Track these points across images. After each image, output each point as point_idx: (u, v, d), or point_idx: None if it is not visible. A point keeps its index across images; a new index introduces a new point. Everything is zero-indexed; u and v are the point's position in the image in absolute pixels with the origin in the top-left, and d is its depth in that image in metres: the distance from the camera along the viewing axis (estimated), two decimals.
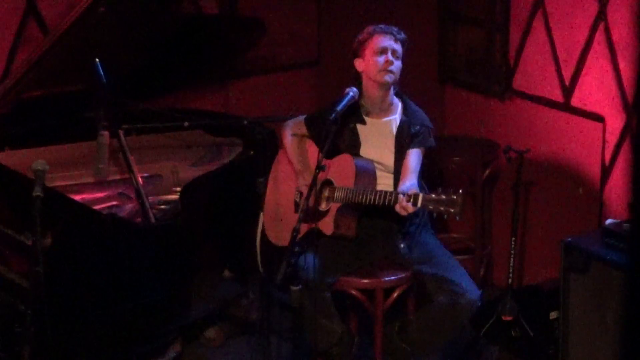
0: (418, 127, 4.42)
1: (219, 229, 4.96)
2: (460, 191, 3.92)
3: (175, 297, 4.45)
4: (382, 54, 4.38)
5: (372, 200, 4.17)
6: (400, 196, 4.03)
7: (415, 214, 4.29)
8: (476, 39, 5.61)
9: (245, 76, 5.80)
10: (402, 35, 4.45)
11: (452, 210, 3.91)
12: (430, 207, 3.96)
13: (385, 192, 4.15)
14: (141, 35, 4.82)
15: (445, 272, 4.29)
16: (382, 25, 4.45)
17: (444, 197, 3.92)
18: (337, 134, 4.28)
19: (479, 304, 4.32)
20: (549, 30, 5.15)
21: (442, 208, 3.93)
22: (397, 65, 4.39)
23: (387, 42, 4.40)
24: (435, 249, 4.44)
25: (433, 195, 3.96)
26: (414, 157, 4.38)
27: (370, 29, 4.45)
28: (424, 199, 3.97)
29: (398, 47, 4.41)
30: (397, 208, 4.06)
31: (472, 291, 4.27)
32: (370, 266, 4.46)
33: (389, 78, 4.37)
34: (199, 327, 4.99)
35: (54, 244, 4.00)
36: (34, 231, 3.58)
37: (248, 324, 5.05)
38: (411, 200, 4.00)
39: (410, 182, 4.26)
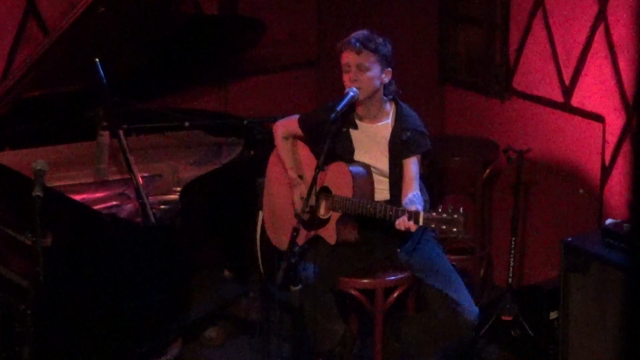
0: (409, 133, 4.33)
1: (219, 229, 4.97)
2: (462, 210, 3.85)
3: (175, 297, 4.45)
4: (346, 72, 4.29)
5: (372, 213, 4.14)
6: (406, 216, 3.99)
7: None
8: (476, 39, 5.61)
9: (245, 76, 5.80)
10: (373, 44, 4.26)
11: (455, 230, 3.84)
12: (432, 225, 3.90)
13: (386, 207, 4.11)
14: (141, 36, 4.82)
15: (446, 288, 4.27)
16: (350, 37, 4.30)
17: (445, 215, 3.85)
18: (334, 135, 4.27)
19: (476, 323, 4.32)
20: (549, 30, 5.15)
21: (444, 227, 3.87)
22: (363, 79, 4.25)
23: (349, 58, 4.27)
24: (436, 259, 4.40)
25: (434, 214, 3.89)
26: (412, 167, 4.32)
27: (339, 44, 4.34)
28: (425, 218, 3.92)
29: (364, 59, 4.25)
30: (397, 225, 4.02)
31: (471, 311, 4.26)
32: (370, 266, 4.46)
33: (356, 95, 4.28)
34: (199, 327, 4.99)
35: (54, 244, 4.00)
36: (34, 231, 3.58)
37: (248, 324, 5.05)
38: (412, 218, 3.96)
39: (412, 192, 4.21)
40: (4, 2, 5.07)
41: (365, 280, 4.41)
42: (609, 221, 4.52)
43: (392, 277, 4.42)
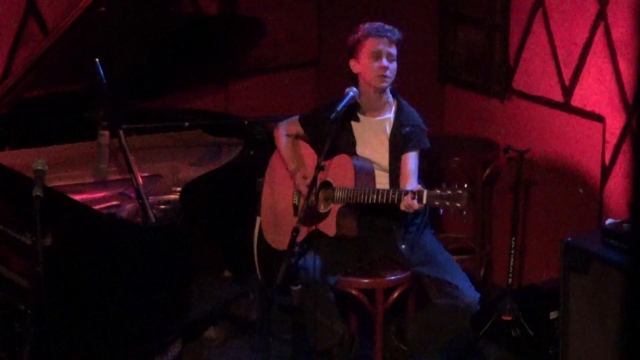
0: (408, 128, 4.36)
1: (219, 229, 4.96)
2: (465, 185, 3.92)
3: (175, 297, 4.45)
4: (377, 59, 4.33)
5: (374, 199, 4.15)
6: (410, 196, 4.01)
7: (416, 214, 4.29)
8: (476, 39, 5.61)
9: (245, 76, 5.80)
10: (397, 35, 4.38)
11: (458, 205, 3.90)
12: (436, 202, 3.95)
13: (388, 191, 4.13)
14: (141, 35, 4.82)
15: (444, 274, 4.28)
16: (377, 25, 4.38)
17: (449, 192, 3.91)
18: (336, 133, 4.28)
19: (478, 307, 4.31)
20: (549, 30, 5.15)
21: (447, 203, 3.92)
22: (392, 68, 4.34)
23: (382, 46, 4.34)
24: (435, 250, 4.43)
25: (438, 191, 3.94)
26: (411, 160, 4.36)
27: (364, 29, 4.37)
28: (429, 195, 3.96)
29: (393, 49, 4.35)
30: (403, 207, 4.05)
31: (470, 295, 4.26)
32: (371, 266, 4.46)
33: (385, 84, 4.34)
34: (199, 327, 4.99)
35: (54, 244, 4.00)
36: (34, 231, 3.58)
37: (248, 324, 5.05)
38: (416, 197, 3.98)
39: (411, 185, 4.25)
40: (4, 2, 5.07)
41: (365, 280, 4.42)
42: (609, 221, 4.52)
43: (392, 277, 4.43)
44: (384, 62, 4.31)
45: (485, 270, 5.55)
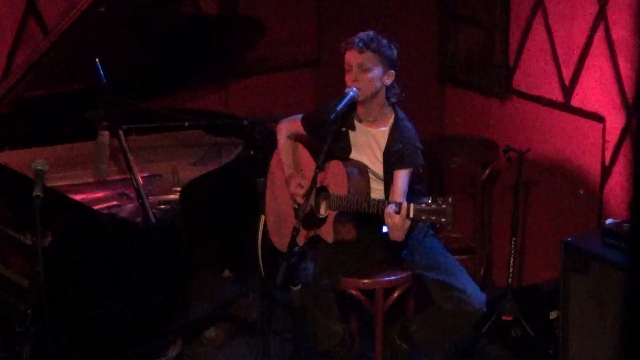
0: (401, 145, 4.29)
1: (219, 229, 4.97)
2: (450, 200, 3.88)
3: (175, 297, 4.44)
4: (347, 71, 4.29)
5: (365, 208, 4.14)
6: (392, 207, 4.00)
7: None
8: (476, 39, 5.61)
9: (245, 76, 5.80)
10: (376, 45, 4.24)
11: (443, 220, 3.88)
12: (423, 217, 3.93)
13: (379, 202, 4.11)
14: (141, 35, 4.82)
15: (450, 278, 4.27)
16: (355, 37, 4.29)
17: (433, 206, 3.88)
18: (335, 134, 4.27)
19: (485, 310, 4.30)
20: (549, 30, 5.15)
21: (433, 218, 3.90)
22: (365, 78, 4.25)
23: (351, 57, 4.27)
24: (439, 254, 4.41)
25: (423, 205, 3.91)
26: (401, 180, 4.28)
27: (343, 43, 4.33)
28: (415, 210, 3.93)
29: (365, 58, 4.24)
30: (386, 214, 4.01)
31: (478, 298, 4.25)
32: (371, 267, 4.46)
33: (356, 95, 4.28)
34: (199, 327, 4.99)
35: (54, 244, 4.00)
36: (34, 231, 3.57)
37: (248, 324, 5.05)
38: (401, 212, 3.96)
39: None
40: (4, 2, 5.07)
41: (365, 280, 4.41)
42: (609, 221, 4.52)
43: (392, 277, 4.42)
44: (353, 74, 4.25)
45: (485, 270, 5.55)
